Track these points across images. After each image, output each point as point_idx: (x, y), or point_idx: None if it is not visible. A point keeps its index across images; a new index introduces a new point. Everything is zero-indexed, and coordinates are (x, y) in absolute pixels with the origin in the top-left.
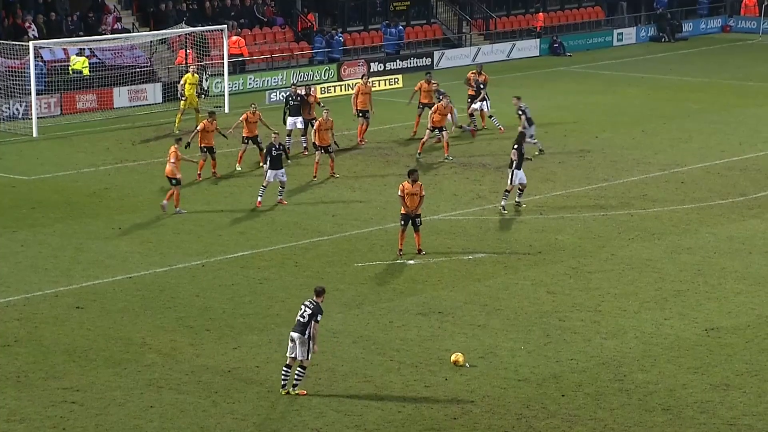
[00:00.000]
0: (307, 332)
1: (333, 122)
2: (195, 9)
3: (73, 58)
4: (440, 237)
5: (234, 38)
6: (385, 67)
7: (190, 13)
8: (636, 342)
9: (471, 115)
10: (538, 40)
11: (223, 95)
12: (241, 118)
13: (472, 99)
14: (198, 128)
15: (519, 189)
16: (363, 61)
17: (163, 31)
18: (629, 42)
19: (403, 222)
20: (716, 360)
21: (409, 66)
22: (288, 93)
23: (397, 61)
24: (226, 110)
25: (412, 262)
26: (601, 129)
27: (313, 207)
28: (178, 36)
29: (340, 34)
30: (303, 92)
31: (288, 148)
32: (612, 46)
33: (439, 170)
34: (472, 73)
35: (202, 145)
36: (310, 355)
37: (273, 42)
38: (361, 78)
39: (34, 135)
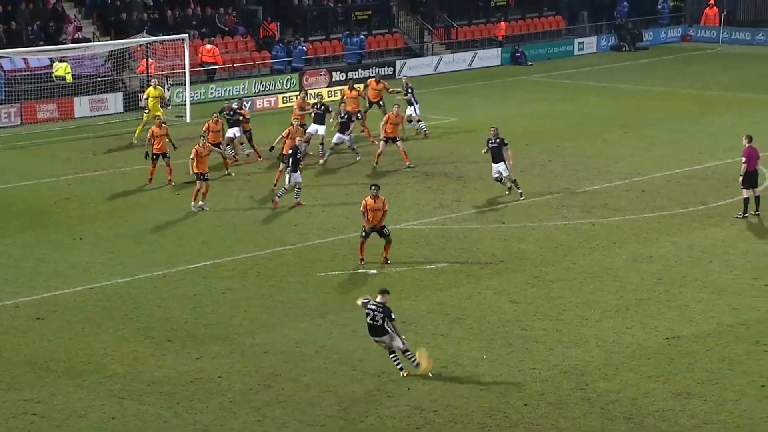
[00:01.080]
0: (389, 332)
1: (303, 131)
2: (156, 18)
3: (56, 64)
4: (402, 246)
5: (208, 47)
6: (347, 76)
7: (151, 23)
8: (598, 351)
9: (409, 121)
10: (499, 49)
11: (185, 105)
12: (203, 128)
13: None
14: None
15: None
16: (325, 70)
17: (125, 40)
18: (590, 51)
19: (365, 233)
20: (677, 368)
21: (371, 75)
22: (223, 108)
23: (359, 70)
24: (188, 120)
25: (374, 271)
26: (563, 138)
27: (275, 216)
28: (140, 45)
29: (303, 44)
30: (235, 106)
31: (234, 156)
32: (573, 56)
33: (401, 179)
34: (374, 81)
35: (155, 151)
36: (405, 341)
37: (235, 51)
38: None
39: None
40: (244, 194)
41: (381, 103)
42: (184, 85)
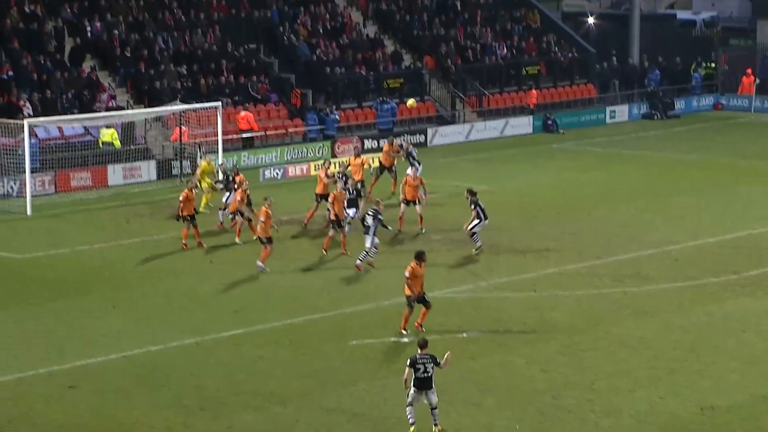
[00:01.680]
0: (432, 384)
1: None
2: (190, 86)
3: (102, 130)
4: (434, 314)
5: (243, 113)
6: (378, 144)
7: (184, 91)
8: (631, 421)
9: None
10: (531, 117)
11: (218, 173)
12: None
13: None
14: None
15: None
16: (357, 138)
17: (158, 108)
18: (622, 119)
19: (411, 303)
20: None
21: (403, 143)
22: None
23: (387, 145)
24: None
25: (406, 340)
26: (594, 206)
27: (308, 283)
28: (173, 113)
29: (335, 112)
30: (228, 172)
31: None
32: (605, 124)
33: (432, 246)
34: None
35: (186, 214)
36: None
37: (267, 119)
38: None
39: (28, 213)
40: (276, 261)
41: (393, 168)
42: (217, 152)
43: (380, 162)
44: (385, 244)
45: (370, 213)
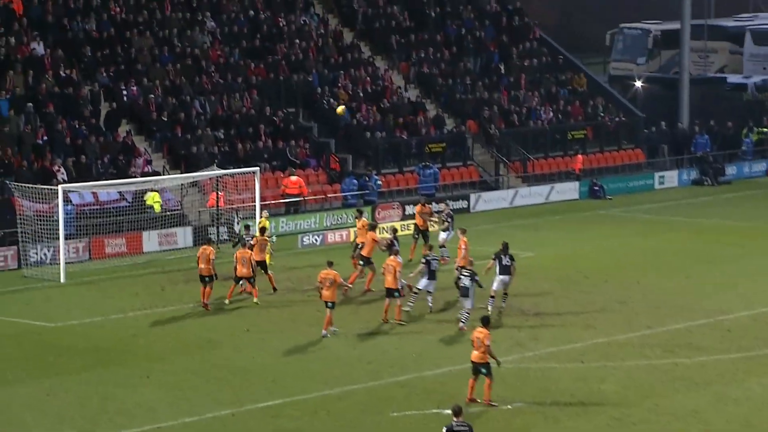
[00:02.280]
0: None
1: (401, 264)
2: (227, 151)
3: (147, 194)
4: (477, 385)
5: (293, 178)
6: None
7: (221, 155)
8: None
9: (441, 246)
10: (577, 182)
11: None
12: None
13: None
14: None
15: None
16: (398, 203)
17: (194, 173)
18: (671, 185)
19: (475, 371)
20: None
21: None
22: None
23: (433, 203)
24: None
25: (448, 411)
26: (643, 274)
27: (347, 353)
28: (210, 178)
29: (376, 177)
30: (245, 233)
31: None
32: (653, 190)
33: (476, 315)
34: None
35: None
36: None
37: (306, 184)
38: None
39: (62, 280)
40: (314, 329)
41: (428, 232)
42: (254, 218)
43: (415, 225)
44: (419, 309)
45: (465, 274)
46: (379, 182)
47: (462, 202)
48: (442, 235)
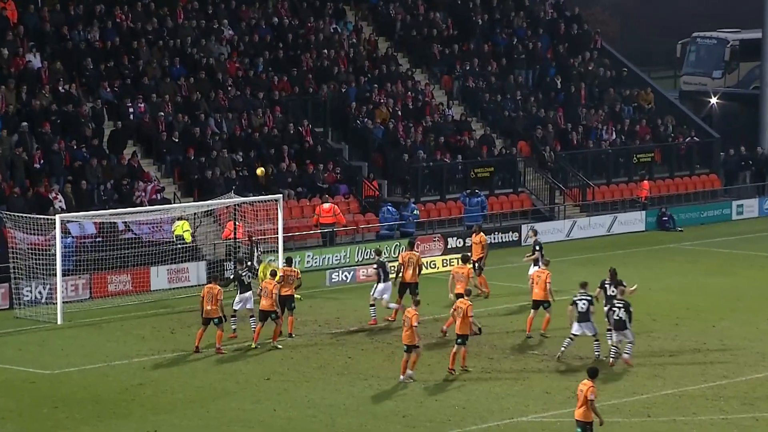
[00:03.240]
0: None
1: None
2: (246, 176)
3: (175, 223)
4: None
5: (326, 206)
6: (464, 243)
7: (239, 181)
8: None
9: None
10: (643, 212)
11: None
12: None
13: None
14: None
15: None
16: (439, 235)
17: (209, 201)
18: (751, 215)
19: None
20: None
21: (492, 241)
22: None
23: (475, 235)
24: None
25: None
26: (719, 317)
27: (380, 402)
28: (227, 207)
29: (414, 205)
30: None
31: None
32: (730, 220)
33: (527, 363)
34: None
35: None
36: None
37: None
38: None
39: (59, 322)
40: (344, 378)
41: (482, 264)
42: (276, 252)
43: (472, 259)
44: (482, 359)
45: (619, 305)
46: (416, 212)
47: (512, 235)
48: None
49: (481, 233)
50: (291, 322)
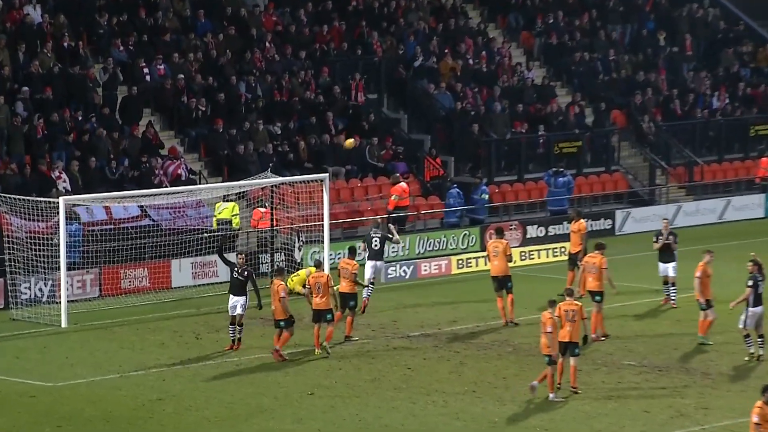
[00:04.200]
0: None
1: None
2: (286, 151)
3: (218, 205)
4: None
5: (402, 185)
6: (546, 231)
7: (277, 157)
8: None
9: (665, 282)
10: (763, 195)
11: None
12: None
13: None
14: None
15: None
16: (516, 223)
17: (241, 182)
18: None
19: None
20: None
21: None
22: (235, 267)
23: (565, 223)
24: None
25: None
26: None
27: (445, 427)
28: (261, 188)
29: (484, 187)
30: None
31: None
32: None
33: (624, 376)
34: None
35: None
36: None
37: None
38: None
39: (63, 325)
40: (402, 394)
41: (579, 258)
42: (321, 242)
43: (569, 252)
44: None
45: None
46: (486, 195)
47: (605, 222)
48: (662, 269)
49: (581, 220)
50: (350, 323)
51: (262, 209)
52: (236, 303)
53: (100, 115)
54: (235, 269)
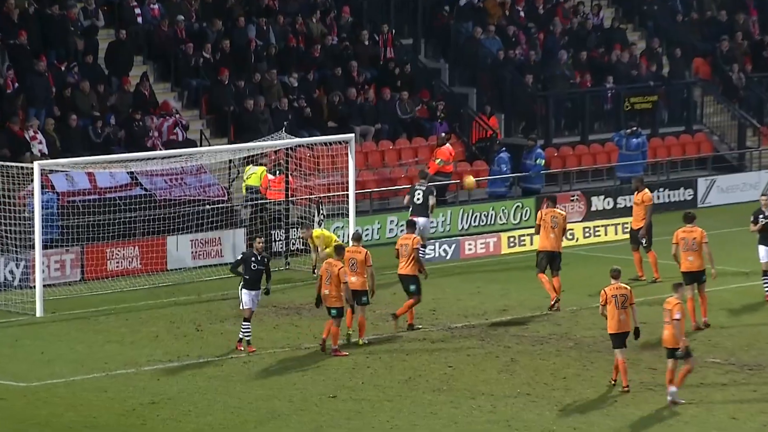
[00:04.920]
0: None
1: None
2: (302, 107)
3: (248, 168)
4: None
5: (448, 146)
6: (615, 203)
7: (293, 114)
8: None
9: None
10: None
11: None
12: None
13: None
14: None
15: None
16: (579, 194)
17: (250, 143)
18: None
19: None
20: None
21: (657, 202)
22: (246, 253)
23: (634, 193)
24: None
25: None
26: None
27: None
28: (276, 151)
29: (539, 150)
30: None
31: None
32: None
33: (706, 374)
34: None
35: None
36: None
37: (429, 161)
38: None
39: (38, 314)
40: (442, 397)
41: (641, 235)
42: (346, 216)
43: (632, 229)
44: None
45: None
46: (541, 160)
47: (684, 192)
48: (764, 253)
49: (645, 190)
50: (410, 306)
51: (271, 176)
52: (254, 297)
53: (83, 64)
54: (253, 259)
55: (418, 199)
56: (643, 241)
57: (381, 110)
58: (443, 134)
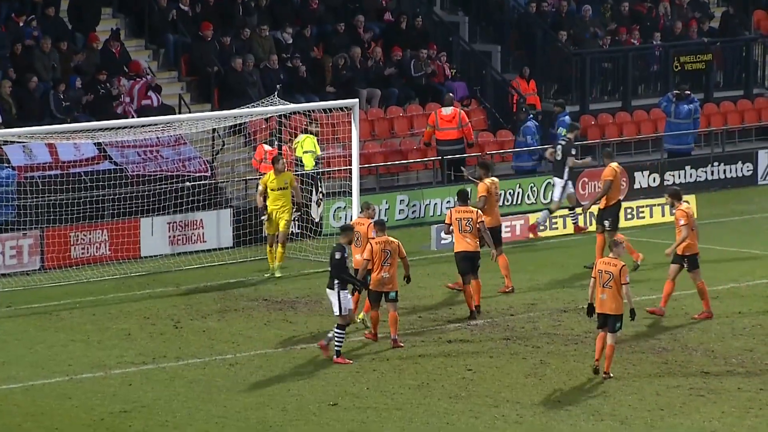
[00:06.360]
0: None
1: None
2: (298, 66)
3: (299, 138)
4: None
5: (448, 110)
6: (662, 179)
7: (286, 76)
8: None
9: None
10: None
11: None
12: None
13: None
14: None
15: None
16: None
17: (237, 110)
18: None
19: None
20: None
21: (710, 178)
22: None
23: (687, 168)
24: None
25: None
26: None
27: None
28: (267, 119)
29: (566, 118)
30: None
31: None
32: None
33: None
34: None
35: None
36: None
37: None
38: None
39: None
40: (460, 405)
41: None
42: (349, 194)
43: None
44: (676, 364)
45: None
46: (564, 130)
47: (743, 167)
48: None
49: (611, 163)
50: (477, 291)
51: (268, 147)
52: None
53: (43, 17)
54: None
55: (557, 154)
56: (606, 223)
57: (389, 73)
58: (449, 95)
